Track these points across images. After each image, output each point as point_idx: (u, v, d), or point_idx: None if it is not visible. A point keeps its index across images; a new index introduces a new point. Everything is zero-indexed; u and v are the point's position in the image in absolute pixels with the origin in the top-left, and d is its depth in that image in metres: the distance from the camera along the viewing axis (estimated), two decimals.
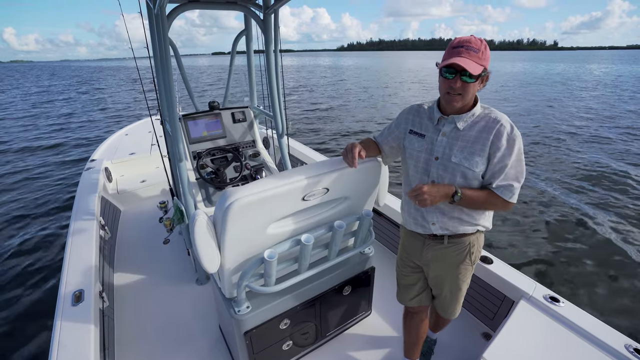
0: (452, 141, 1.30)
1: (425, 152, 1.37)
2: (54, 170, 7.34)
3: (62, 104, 17.68)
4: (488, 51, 1.18)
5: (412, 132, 1.43)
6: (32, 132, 11.25)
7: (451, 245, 1.43)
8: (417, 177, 1.42)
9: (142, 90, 2.62)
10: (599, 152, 8.12)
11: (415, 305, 1.67)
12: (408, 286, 1.65)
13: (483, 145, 1.24)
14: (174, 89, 2.08)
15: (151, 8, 2.13)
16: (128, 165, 4.27)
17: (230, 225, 1.28)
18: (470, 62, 1.14)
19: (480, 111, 1.29)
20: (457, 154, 1.28)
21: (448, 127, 1.32)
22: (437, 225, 1.39)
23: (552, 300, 1.69)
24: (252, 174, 2.68)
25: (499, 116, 1.25)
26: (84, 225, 2.57)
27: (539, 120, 11.82)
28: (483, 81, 1.24)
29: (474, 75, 1.15)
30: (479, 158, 1.25)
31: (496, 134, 1.22)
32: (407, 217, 1.52)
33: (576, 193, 5.82)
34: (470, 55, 1.15)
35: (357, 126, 11.30)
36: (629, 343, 1.46)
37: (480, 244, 1.46)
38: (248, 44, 2.79)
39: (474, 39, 1.17)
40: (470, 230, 1.39)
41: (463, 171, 1.28)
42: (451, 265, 1.46)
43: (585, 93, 18.91)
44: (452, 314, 1.62)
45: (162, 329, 2.16)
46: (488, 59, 1.18)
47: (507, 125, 1.22)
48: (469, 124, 1.28)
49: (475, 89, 1.22)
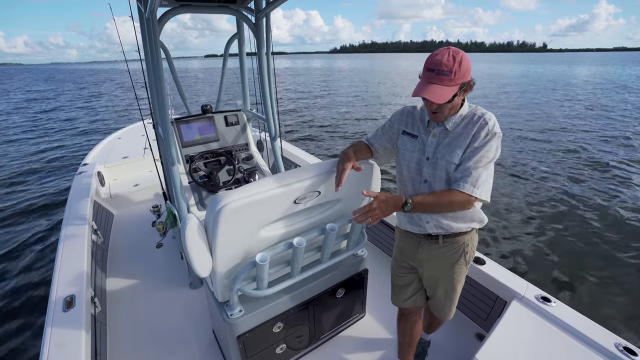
0: (441, 141, 1.33)
1: (418, 152, 1.39)
2: (46, 173, 7.27)
3: (64, 109, 17.50)
4: (464, 65, 1.16)
5: (405, 132, 1.45)
6: (24, 134, 11.14)
7: (446, 245, 1.44)
8: (410, 176, 1.44)
9: (134, 93, 2.61)
10: (591, 150, 8.23)
11: (410, 306, 1.67)
12: (402, 287, 1.66)
13: (465, 138, 1.27)
14: (165, 92, 2.08)
15: (142, 11, 2.12)
16: (121, 169, 4.24)
17: (222, 229, 1.28)
18: (440, 91, 1.16)
19: (467, 110, 1.31)
20: (442, 150, 1.31)
21: (438, 128, 1.34)
22: (432, 223, 1.40)
23: (544, 300, 1.71)
24: (245, 177, 2.67)
25: (484, 112, 1.27)
26: (76, 229, 2.55)
27: (532, 117, 11.97)
28: (467, 90, 1.24)
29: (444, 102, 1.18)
30: (459, 150, 1.27)
31: (478, 128, 1.24)
32: (401, 216, 1.53)
33: (567, 192, 5.89)
34: (441, 81, 1.16)
35: (352, 127, 11.34)
36: (619, 341, 1.47)
37: (474, 243, 1.48)
38: (240, 47, 2.79)
39: (446, 58, 1.15)
40: (464, 229, 1.40)
41: (446, 166, 1.30)
42: (446, 265, 1.47)
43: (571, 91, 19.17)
44: (446, 314, 1.63)
45: (155, 334, 2.15)
46: (464, 74, 1.17)
47: (489, 121, 1.24)
48: (457, 123, 1.31)
49: (456, 103, 1.25)
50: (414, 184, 1.42)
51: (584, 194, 5.81)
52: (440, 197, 1.27)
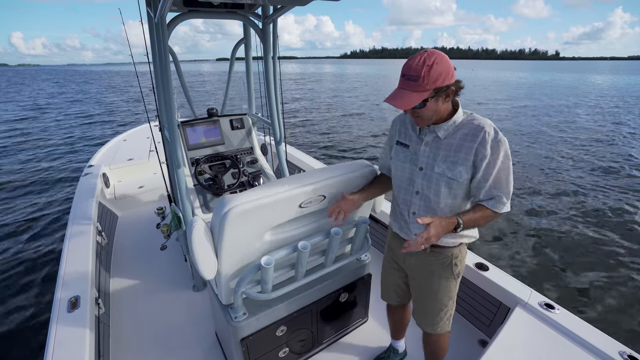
0: (435, 150, 1.27)
1: (410, 163, 1.35)
2: (52, 174, 7.33)
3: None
4: (436, 69, 1.09)
5: (398, 142, 1.41)
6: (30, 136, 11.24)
7: (433, 255, 1.40)
8: (402, 187, 1.40)
9: (141, 96, 2.64)
10: (595, 157, 8.20)
11: (396, 303, 1.74)
12: (390, 285, 1.69)
13: (467, 154, 1.20)
14: (173, 96, 2.10)
15: (152, 16, 2.16)
16: (126, 171, 4.27)
17: (228, 232, 1.29)
18: (405, 96, 1.12)
19: (462, 118, 1.25)
20: (440, 164, 1.25)
21: (429, 136, 1.29)
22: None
23: (547, 307, 1.70)
24: (249, 181, 2.69)
25: (482, 122, 1.20)
26: (81, 230, 2.57)
27: (533, 123, 11.95)
28: (450, 94, 1.17)
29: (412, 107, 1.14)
30: (462, 167, 1.21)
31: (481, 142, 1.17)
32: (392, 221, 1.55)
33: (570, 198, 5.87)
34: (410, 86, 1.12)
35: (357, 133, 11.36)
36: (623, 350, 1.46)
37: (463, 256, 1.44)
38: (247, 52, 2.82)
39: (416, 63, 1.10)
40: (451, 244, 1.37)
41: (447, 182, 1.25)
42: (432, 274, 1.44)
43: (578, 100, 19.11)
44: (432, 326, 1.53)
45: (158, 336, 2.15)
46: (437, 80, 1.10)
47: (491, 131, 1.18)
48: (450, 132, 1.24)
49: (435, 107, 1.17)
50: (406, 194, 1.39)
51: (591, 200, 5.79)
52: (480, 216, 1.23)
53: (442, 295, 1.46)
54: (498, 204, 1.22)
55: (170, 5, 1.86)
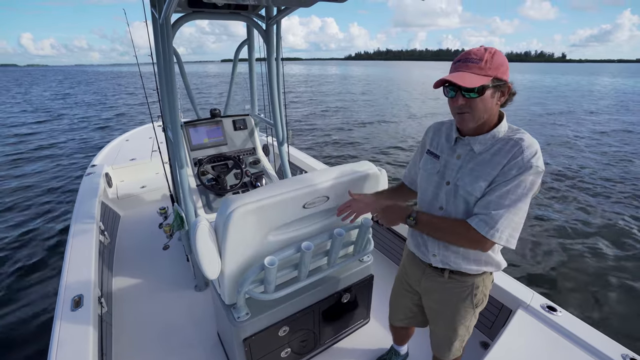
0: (465, 165, 1.14)
1: (438, 176, 1.22)
2: (55, 174, 7.36)
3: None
4: (498, 59, 1.00)
5: (429, 152, 1.29)
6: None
7: (452, 282, 1.28)
8: (426, 201, 1.28)
9: (145, 96, 2.66)
10: (602, 162, 8.18)
11: (402, 326, 1.68)
12: (400, 307, 1.61)
13: (492, 169, 1.06)
14: (176, 96, 2.11)
15: (156, 17, 2.17)
16: (128, 170, 4.28)
17: (232, 232, 1.30)
18: (466, 76, 0.99)
19: (504, 133, 1.08)
20: (464, 177, 1.13)
21: (463, 149, 1.15)
22: (438, 258, 1.27)
23: (550, 310, 1.70)
24: (252, 181, 2.70)
25: (524, 139, 1.03)
26: (84, 229, 2.58)
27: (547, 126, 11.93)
28: (505, 94, 1.05)
29: (474, 89, 0.99)
30: (483, 183, 1.07)
31: (511, 158, 1.02)
32: (409, 237, 1.42)
33: (575, 201, 5.85)
34: (469, 68, 1.00)
35: (362, 134, 11.36)
36: (626, 353, 1.46)
37: (487, 287, 1.30)
38: (250, 53, 2.83)
39: (477, 49, 1.02)
40: (474, 271, 1.23)
41: (465, 197, 1.12)
42: (449, 302, 1.33)
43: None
44: (444, 354, 1.47)
45: (160, 335, 2.16)
46: (499, 68, 1.00)
47: (527, 152, 1.01)
48: (487, 146, 1.09)
49: (489, 104, 1.03)
50: (430, 209, 1.26)
51: (596, 203, 5.77)
52: (449, 224, 1.13)
53: (458, 325, 1.35)
54: (482, 224, 1.04)
55: (175, 6, 1.88)
